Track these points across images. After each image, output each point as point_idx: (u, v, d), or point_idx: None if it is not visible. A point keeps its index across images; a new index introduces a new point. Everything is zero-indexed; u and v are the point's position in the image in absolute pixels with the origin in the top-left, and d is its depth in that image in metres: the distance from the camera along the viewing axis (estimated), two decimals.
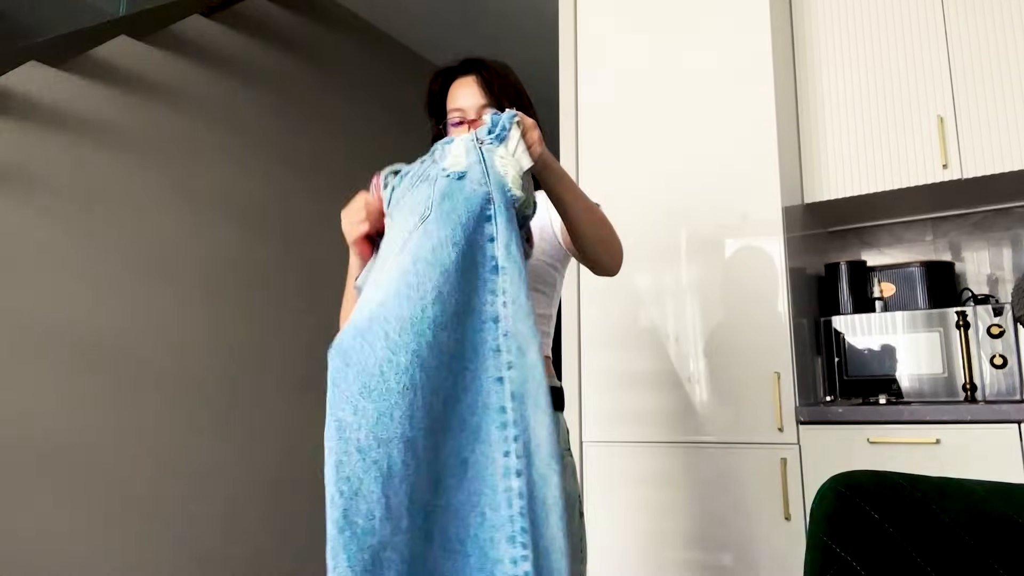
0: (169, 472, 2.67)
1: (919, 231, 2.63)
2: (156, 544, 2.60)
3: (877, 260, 2.66)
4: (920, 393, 2.23)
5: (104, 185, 2.59)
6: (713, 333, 2.21)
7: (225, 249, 3.01)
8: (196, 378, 2.82)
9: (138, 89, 2.76)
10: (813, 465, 2.02)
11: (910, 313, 2.28)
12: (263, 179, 3.22)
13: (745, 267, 2.21)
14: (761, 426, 2.10)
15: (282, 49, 3.46)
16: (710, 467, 2.15)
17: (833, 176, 2.40)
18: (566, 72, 2.62)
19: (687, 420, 2.21)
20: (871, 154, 2.35)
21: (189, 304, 2.83)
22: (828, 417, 2.03)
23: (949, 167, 2.23)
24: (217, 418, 2.88)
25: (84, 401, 2.45)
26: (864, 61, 2.41)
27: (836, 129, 2.42)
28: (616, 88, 2.52)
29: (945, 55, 2.29)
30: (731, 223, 2.24)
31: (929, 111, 2.29)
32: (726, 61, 2.33)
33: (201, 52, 3.05)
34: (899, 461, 1.92)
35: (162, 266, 2.75)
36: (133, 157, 2.71)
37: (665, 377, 2.26)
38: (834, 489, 1.00)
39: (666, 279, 2.31)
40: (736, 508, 2.09)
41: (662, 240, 2.34)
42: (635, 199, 2.40)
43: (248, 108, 3.23)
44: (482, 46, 4.29)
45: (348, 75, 3.85)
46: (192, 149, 2.94)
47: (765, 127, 2.23)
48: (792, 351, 2.11)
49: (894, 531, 0.97)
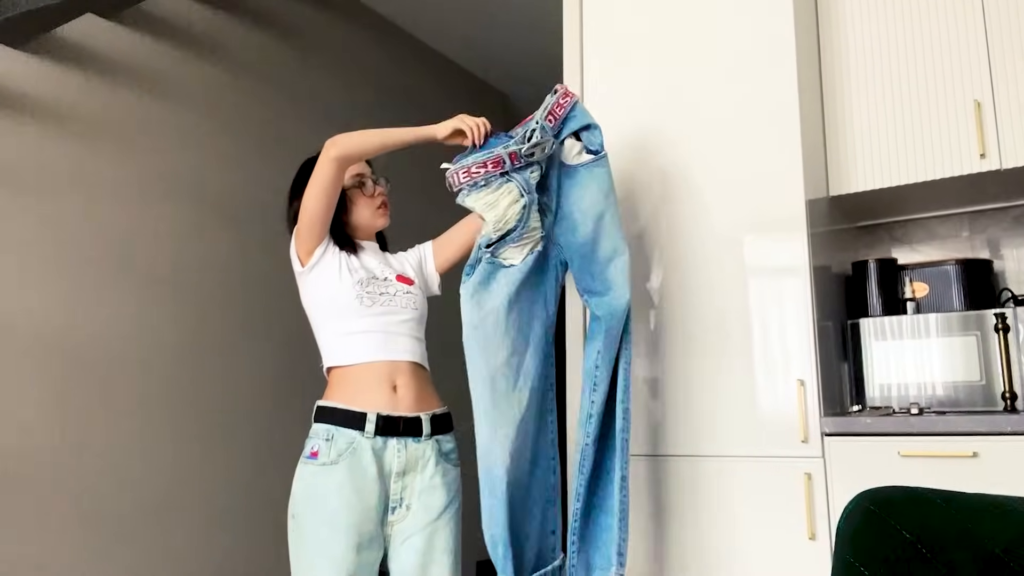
0: (133, 482, 2.68)
1: (954, 226, 2.62)
2: (123, 562, 2.61)
3: (909, 258, 2.66)
4: (956, 402, 2.22)
5: (67, 174, 2.60)
6: (731, 337, 2.22)
7: (197, 244, 3.02)
8: (162, 382, 2.82)
9: (106, 72, 2.76)
10: (839, 480, 2.02)
11: (944, 315, 2.28)
12: (241, 170, 3.22)
13: (765, 266, 2.21)
14: (783, 438, 2.10)
15: (263, 29, 3.46)
16: (727, 482, 2.15)
17: (861, 166, 2.40)
18: (571, 55, 2.62)
19: (702, 431, 2.21)
20: (902, 142, 2.35)
21: (155, 302, 2.84)
22: (855, 428, 2.03)
23: (987, 156, 2.23)
24: (184, 423, 2.88)
25: (40, 405, 2.45)
26: (894, 42, 2.41)
27: (864, 115, 2.42)
28: (625, 75, 2.51)
29: (983, 35, 2.29)
30: (750, 218, 2.24)
31: (965, 96, 2.29)
32: (745, 42, 2.32)
33: (174, 32, 3.05)
34: (933, 476, 1.91)
35: (128, 261, 2.75)
36: (100, 145, 2.71)
37: (679, 384, 2.26)
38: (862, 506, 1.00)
39: (680, 279, 2.31)
40: (756, 526, 2.09)
41: (675, 237, 2.34)
42: (646, 194, 2.40)
43: (225, 93, 3.23)
44: (481, 27, 4.29)
45: (336, 57, 3.85)
46: (164, 137, 2.94)
47: (787, 113, 2.23)
48: (816, 357, 2.11)
49: (927, 552, 0.96)
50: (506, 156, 1.90)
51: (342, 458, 1.80)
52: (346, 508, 1.77)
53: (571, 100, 2.04)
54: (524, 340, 1.93)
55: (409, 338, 1.95)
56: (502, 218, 1.90)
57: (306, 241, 1.94)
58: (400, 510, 1.85)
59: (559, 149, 2.03)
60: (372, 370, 1.89)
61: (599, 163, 2.05)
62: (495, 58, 4.63)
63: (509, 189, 1.91)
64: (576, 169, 2.04)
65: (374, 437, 1.83)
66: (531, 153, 1.92)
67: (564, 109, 2.02)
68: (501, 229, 1.91)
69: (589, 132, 2.05)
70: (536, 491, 1.95)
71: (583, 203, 2.02)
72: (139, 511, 2.70)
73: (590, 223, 2.01)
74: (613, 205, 2.05)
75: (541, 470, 1.96)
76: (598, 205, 2.02)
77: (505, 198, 1.90)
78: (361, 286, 1.92)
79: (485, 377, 1.86)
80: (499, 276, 1.91)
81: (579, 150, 2.05)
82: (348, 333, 1.91)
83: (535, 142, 1.92)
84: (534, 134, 1.92)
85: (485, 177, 1.90)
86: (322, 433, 1.84)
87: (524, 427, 1.89)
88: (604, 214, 2.02)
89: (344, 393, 1.89)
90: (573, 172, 2.04)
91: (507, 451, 1.84)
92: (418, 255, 2.13)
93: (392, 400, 1.87)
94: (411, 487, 1.86)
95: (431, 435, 1.90)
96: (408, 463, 1.86)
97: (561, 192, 2.04)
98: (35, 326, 2.46)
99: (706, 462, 2.19)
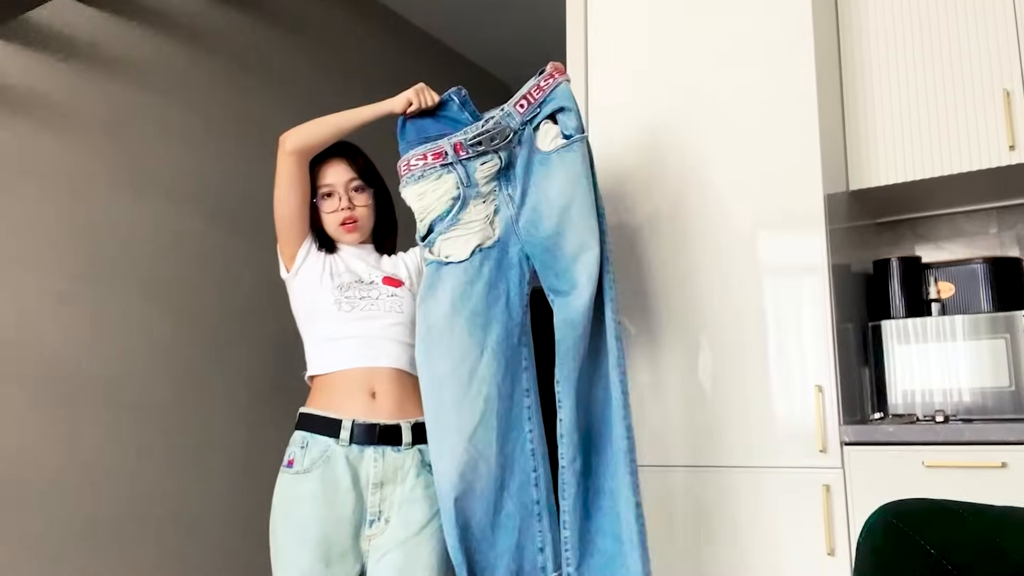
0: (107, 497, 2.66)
1: (982, 222, 2.62)
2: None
3: (933, 256, 2.65)
4: (983, 409, 2.21)
5: (37, 166, 2.59)
6: (744, 340, 2.21)
7: (177, 241, 3.00)
8: (137, 389, 2.80)
9: (83, 58, 2.76)
10: (860, 492, 2.01)
11: (971, 317, 2.27)
12: (224, 163, 3.20)
13: (781, 264, 2.20)
14: (800, 447, 2.09)
15: (252, 15, 3.45)
16: (741, 494, 2.14)
17: (883, 159, 2.39)
18: (575, 43, 2.60)
19: (715, 440, 2.20)
20: (926, 134, 2.34)
21: (129, 303, 2.82)
22: (877, 437, 2.02)
23: (1016, 148, 2.22)
24: (160, 433, 2.86)
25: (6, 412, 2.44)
26: (918, 27, 2.40)
27: (886, 105, 2.40)
28: (633, 63, 2.50)
29: (1012, 20, 2.28)
30: (765, 214, 2.23)
31: (993, 84, 2.27)
32: (760, 27, 2.32)
33: (157, 17, 3.04)
34: (959, 488, 1.89)
35: (98, 259, 2.73)
36: (75, 135, 2.70)
37: (687, 390, 2.25)
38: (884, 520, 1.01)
39: (692, 278, 2.31)
40: (770, 542, 2.08)
41: (685, 234, 2.33)
42: (654, 189, 2.38)
43: (210, 82, 3.22)
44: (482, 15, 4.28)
45: (329, 45, 3.85)
46: (144, 127, 2.93)
47: (805, 102, 2.22)
48: (835, 361, 2.10)
49: (953, 569, 0.96)
50: (449, 147, 1.91)
51: (315, 467, 1.80)
52: (315, 519, 1.77)
53: (554, 81, 1.99)
54: (477, 345, 1.88)
55: (392, 343, 1.93)
56: (427, 208, 1.91)
57: (286, 244, 1.96)
58: (378, 523, 1.83)
59: (533, 135, 1.98)
60: (350, 376, 1.88)
61: (571, 147, 1.96)
62: (496, 47, 4.64)
63: (445, 180, 1.91)
64: (548, 156, 1.96)
65: (349, 445, 1.82)
66: (478, 143, 1.90)
67: (544, 92, 1.97)
68: (425, 219, 1.91)
69: (564, 114, 1.98)
70: (511, 505, 1.88)
71: (551, 193, 1.95)
72: (113, 522, 2.68)
73: (555, 215, 1.93)
74: (584, 194, 1.95)
75: (517, 483, 1.90)
76: (564, 195, 1.94)
77: (436, 190, 1.91)
78: (340, 291, 1.92)
79: (430, 385, 1.85)
80: (444, 276, 1.89)
81: (555, 135, 1.98)
82: (328, 339, 1.92)
83: (482, 131, 1.91)
84: (488, 122, 1.92)
85: (423, 169, 1.91)
86: (299, 440, 1.85)
87: (483, 436, 1.84)
88: (571, 205, 1.93)
89: (323, 399, 1.89)
90: (546, 159, 1.97)
91: (453, 464, 1.80)
92: (419, 256, 2.11)
93: (370, 407, 1.86)
94: (390, 499, 1.84)
95: (412, 444, 1.88)
96: (386, 473, 1.84)
97: (532, 182, 1.97)
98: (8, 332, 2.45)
99: (716, 473, 2.18)
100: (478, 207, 1.93)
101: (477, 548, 1.83)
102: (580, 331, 1.89)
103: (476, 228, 1.92)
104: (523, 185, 1.97)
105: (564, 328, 1.90)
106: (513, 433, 1.90)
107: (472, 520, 1.82)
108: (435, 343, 1.85)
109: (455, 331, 1.86)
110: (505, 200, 1.97)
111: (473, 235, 1.92)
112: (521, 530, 1.88)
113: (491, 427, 1.86)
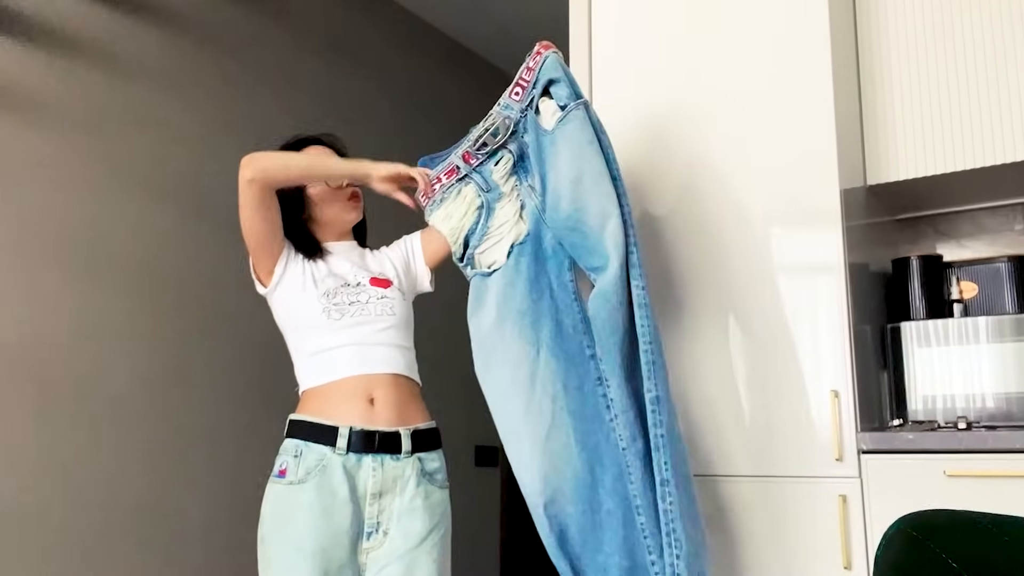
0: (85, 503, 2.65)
1: (1006, 218, 2.61)
2: None
3: (955, 254, 2.64)
4: (1008, 416, 2.20)
5: (16, 160, 2.58)
6: (756, 342, 2.20)
7: (159, 238, 3.00)
8: (115, 387, 2.79)
9: (65, 48, 2.76)
10: (878, 503, 2.00)
11: (996, 319, 2.26)
12: (213, 159, 3.19)
13: (795, 263, 2.19)
14: (815, 456, 2.08)
15: (244, 6, 3.46)
16: (752, 505, 2.13)
17: (902, 152, 2.37)
18: (578, 29, 2.58)
19: (724, 449, 2.19)
20: (948, 126, 2.32)
21: (110, 301, 2.81)
22: (896, 445, 2.01)
23: None
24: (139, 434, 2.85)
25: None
26: (939, 14, 2.38)
27: (906, 95, 2.39)
28: (640, 51, 2.49)
29: None
30: (778, 210, 2.22)
31: (1019, 75, 2.26)
32: (773, 13, 2.30)
33: (144, 5, 3.04)
34: (982, 498, 1.88)
35: (77, 255, 2.73)
36: (57, 129, 2.70)
37: (696, 395, 2.24)
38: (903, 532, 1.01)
39: (701, 278, 2.29)
40: (783, 554, 2.07)
41: (695, 231, 2.32)
42: (662, 183, 2.37)
43: (196, 76, 3.22)
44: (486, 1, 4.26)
45: (330, 38, 3.85)
46: (128, 121, 2.93)
47: (820, 92, 2.21)
48: (852, 365, 2.09)
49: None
50: (458, 161, 1.95)
51: (311, 476, 1.77)
52: (313, 531, 1.74)
53: (541, 57, 1.98)
54: (532, 345, 1.87)
55: (389, 348, 1.90)
56: (457, 228, 1.95)
57: (261, 261, 1.92)
58: (376, 536, 1.80)
59: (536, 119, 1.98)
60: (347, 385, 1.85)
61: (568, 118, 1.94)
62: (501, 39, 4.64)
63: (465, 194, 1.95)
64: (552, 133, 1.96)
65: (346, 454, 1.79)
66: (484, 144, 1.92)
67: (534, 72, 1.98)
68: (458, 239, 1.95)
69: (555, 86, 1.97)
70: (610, 502, 1.84)
71: (563, 169, 1.93)
72: (102, 530, 2.68)
73: (569, 191, 1.91)
74: (592, 160, 1.91)
75: (611, 477, 1.85)
76: (574, 167, 1.92)
77: (460, 206, 1.95)
78: (327, 298, 1.89)
79: (495, 400, 1.85)
80: (488, 285, 1.91)
81: (554, 110, 1.97)
82: (319, 351, 1.88)
83: (484, 130, 1.93)
84: (487, 120, 1.94)
85: (441, 192, 1.96)
86: (291, 449, 1.82)
87: (558, 437, 1.83)
88: (582, 175, 1.91)
89: (316, 406, 1.86)
90: (552, 138, 1.96)
91: (533, 472, 1.80)
92: (404, 250, 2.09)
93: (368, 413, 1.83)
94: (389, 510, 1.81)
95: (412, 452, 1.85)
96: (385, 483, 1.81)
97: (547, 165, 1.96)
98: None
99: (725, 483, 2.17)
100: (505, 208, 1.95)
101: (581, 553, 1.81)
102: (615, 301, 1.85)
103: (508, 228, 1.94)
104: (540, 171, 1.97)
105: (597, 300, 1.87)
106: (593, 426, 1.87)
107: (569, 524, 1.80)
108: (490, 354, 1.86)
109: (505, 336, 1.86)
110: (528, 192, 1.98)
111: (507, 236, 1.93)
112: (626, 524, 1.83)
113: (565, 425, 1.84)
